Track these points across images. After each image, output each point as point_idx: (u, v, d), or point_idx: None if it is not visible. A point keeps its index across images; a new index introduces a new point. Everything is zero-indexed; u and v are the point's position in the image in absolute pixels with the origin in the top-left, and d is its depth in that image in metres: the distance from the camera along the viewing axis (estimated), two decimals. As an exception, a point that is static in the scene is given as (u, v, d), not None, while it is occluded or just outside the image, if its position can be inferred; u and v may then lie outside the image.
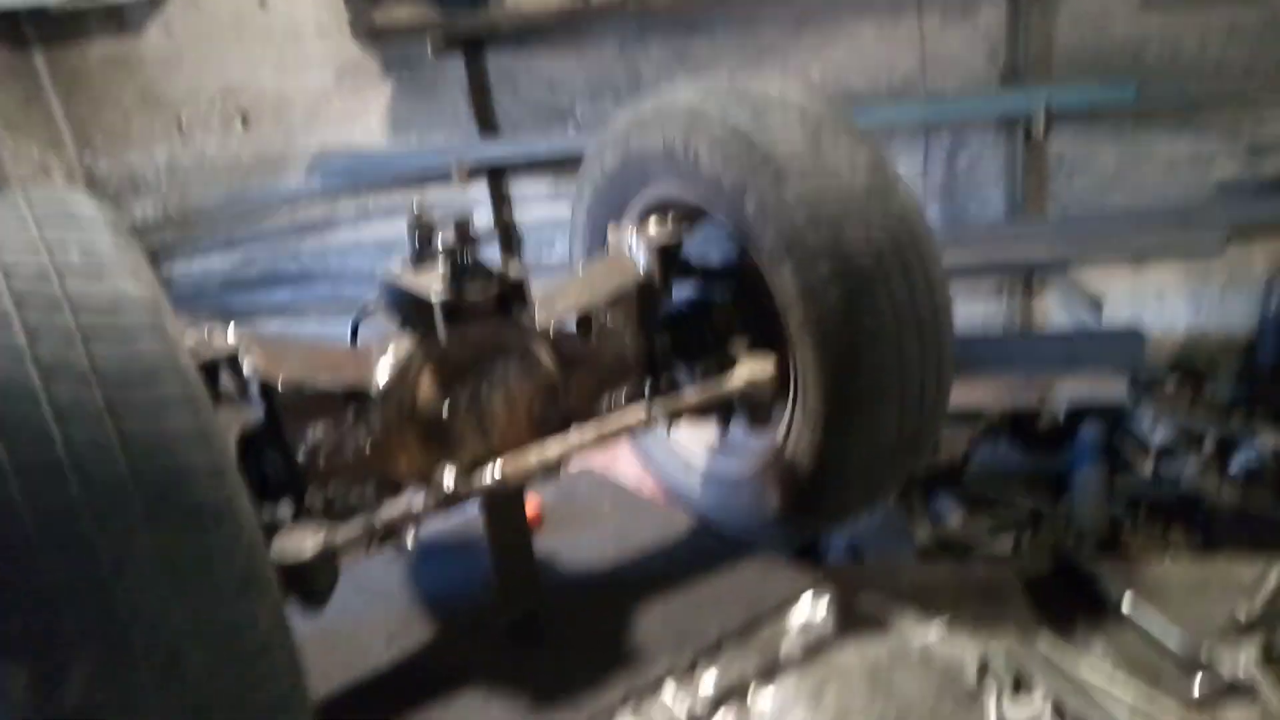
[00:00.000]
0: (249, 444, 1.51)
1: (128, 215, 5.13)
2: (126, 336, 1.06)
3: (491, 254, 1.67)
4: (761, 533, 1.98)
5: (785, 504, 1.83)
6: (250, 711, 1.10)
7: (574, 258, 2.25)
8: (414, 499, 1.39)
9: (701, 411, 1.79)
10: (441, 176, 4.40)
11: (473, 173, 4.31)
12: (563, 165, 4.40)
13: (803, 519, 1.84)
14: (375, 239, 4.85)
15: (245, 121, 4.79)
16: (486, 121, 4.42)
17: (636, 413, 1.59)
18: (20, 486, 0.97)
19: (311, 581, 1.27)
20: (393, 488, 1.64)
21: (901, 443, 1.69)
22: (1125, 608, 1.70)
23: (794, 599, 1.80)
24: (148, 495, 1.02)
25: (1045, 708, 1.43)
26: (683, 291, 1.97)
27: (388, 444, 1.59)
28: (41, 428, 0.99)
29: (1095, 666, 1.56)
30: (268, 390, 1.48)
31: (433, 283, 1.58)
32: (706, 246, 1.99)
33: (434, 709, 1.60)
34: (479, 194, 4.47)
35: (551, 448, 1.49)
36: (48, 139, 4.98)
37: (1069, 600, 1.78)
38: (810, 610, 1.78)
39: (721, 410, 1.89)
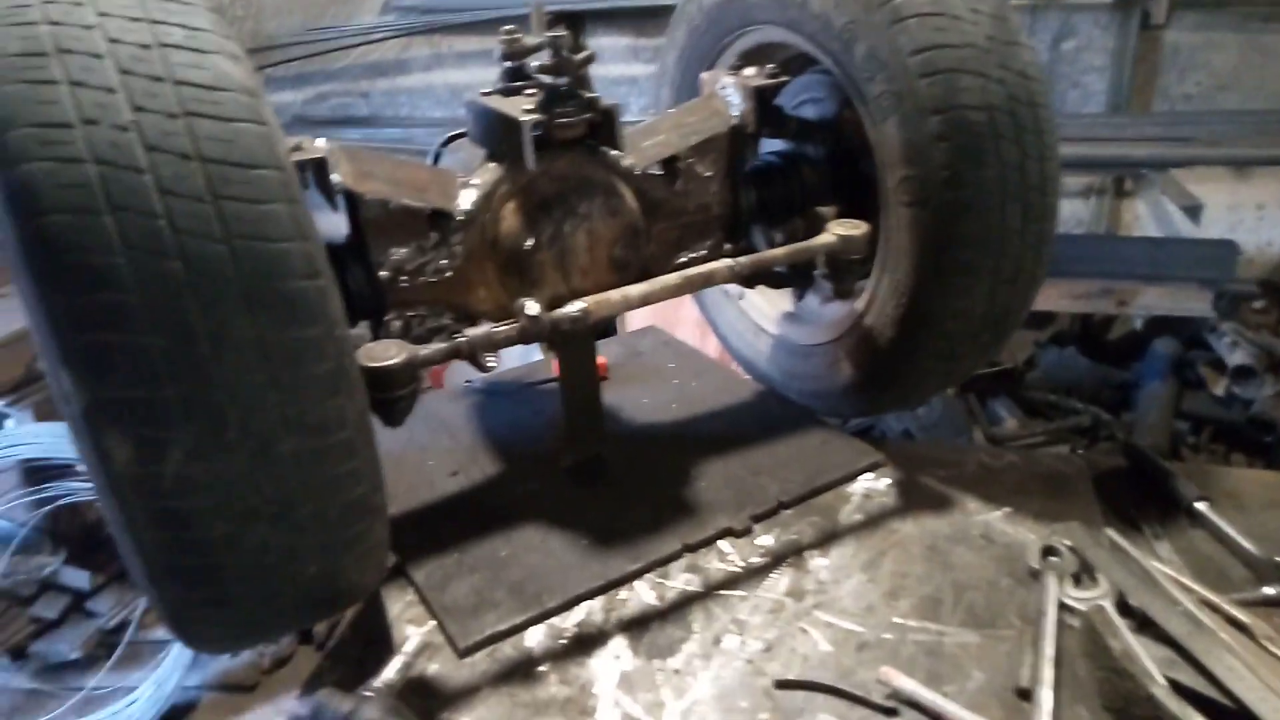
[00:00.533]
0: (333, 255, 1.50)
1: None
2: (228, 116, 1.03)
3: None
4: (829, 403, 1.95)
5: (859, 376, 1.79)
6: (333, 508, 1.12)
7: (660, 106, 2.16)
8: (497, 326, 1.37)
9: (785, 270, 1.74)
10: (518, 22, 4.25)
11: (551, 21, 4.15)
12: (645, 19, 4.22)
13: (875, 393, 1.80)
14: (446, 84, 4.75)
15: (324, -52, 4.64)
16: (571, -34, 4.23)
17: (722, 264, 1.53)
18: (127, 258, 0.96)
19: (394, 390, 1.27)
20: (469, 319, 1.63)
21: (989, 320, 1.63)
22: (1199, 508, 1.66)
23: (855, 470, 1.78)
24: (245, 280, 1.01)
25: (1109, 594, 1.41)
26: (773, 146, 1.88)
27: (467, 272, 1.57)
28: (146, 201, 0.98)
29: (1163, 562, 1.53)
30: (354, 202, 1.45)
31: (524, 105, 1.52)
32: (803, 100, 1.90)
33: (494, 540, 1.63)
34: (556, 44, 4.31)
35: (635, 290, 1.45)
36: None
37: (1139, 497, 1.74)
38: (871, 482, 1.76)
39: (801, 275, 1.83)
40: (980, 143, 1.48)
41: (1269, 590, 1.47)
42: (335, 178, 1.42)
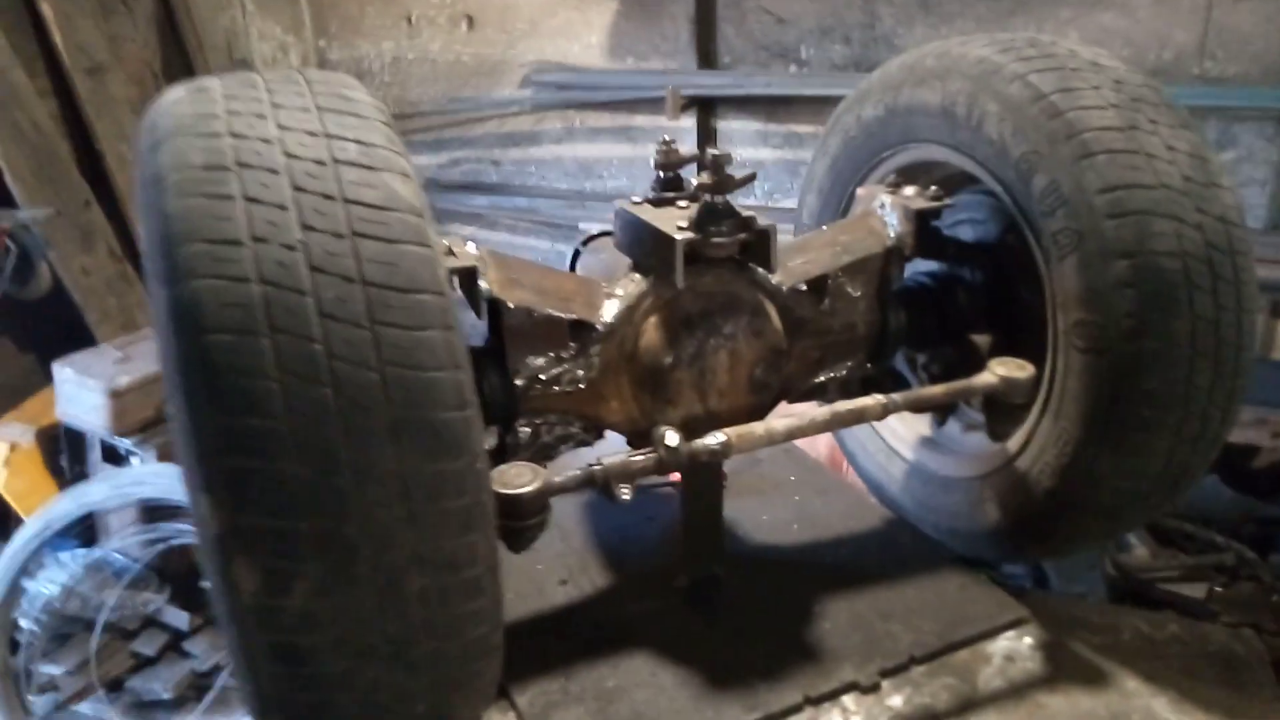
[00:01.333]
0: (475, 362, 1.47)
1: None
2: (394, 238, 1.01)
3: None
4: (968, 544, 1.81)
5: (1006, 522, 1.65)
6: (453, 648, 1.06)
7: (804, 212, 2.09)
8: (634, 456, 1.31)
9: (940, 407, 1.62)
10: (650, 104, 4.30)
11: (685, 105, 4.18)
12: (776, 106, 4.21)
13: (1022, 542, 1.65)
14: (576, 159, 4.82)
15: (471, 24, 4.82)
16: (707, 53, 4.26)
17: (874, 400, 1.44)
18: (280, 383, 0.94)
19: (525, 519, 1.21)
20: (598, 429, 1.57)
21: (1164, 480, 1.47)
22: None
23: (996, 626, 1.63)
24: (395, 409, 0.97)
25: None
26: (926, 266, 1.78)
27: (602, 384, 1.52)
28: (306, 325, 0.95)
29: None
30: (497, 310, 1.42)
31: (678, 220, 1.47)
32: (961, 220, 1.80)
33: (602, 667, 1.54)
34: (686, 126, 4.34)
35: (780, 425, 1.37)
36: (290, 22, 5.18)
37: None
38: (1014, 642, 1.61)
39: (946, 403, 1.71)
40: (1172, 292, 1.35)
41: None
42: (482, 284, 1.39)
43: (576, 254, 1.92)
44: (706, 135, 4.37)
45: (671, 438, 1.30)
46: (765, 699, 1.47)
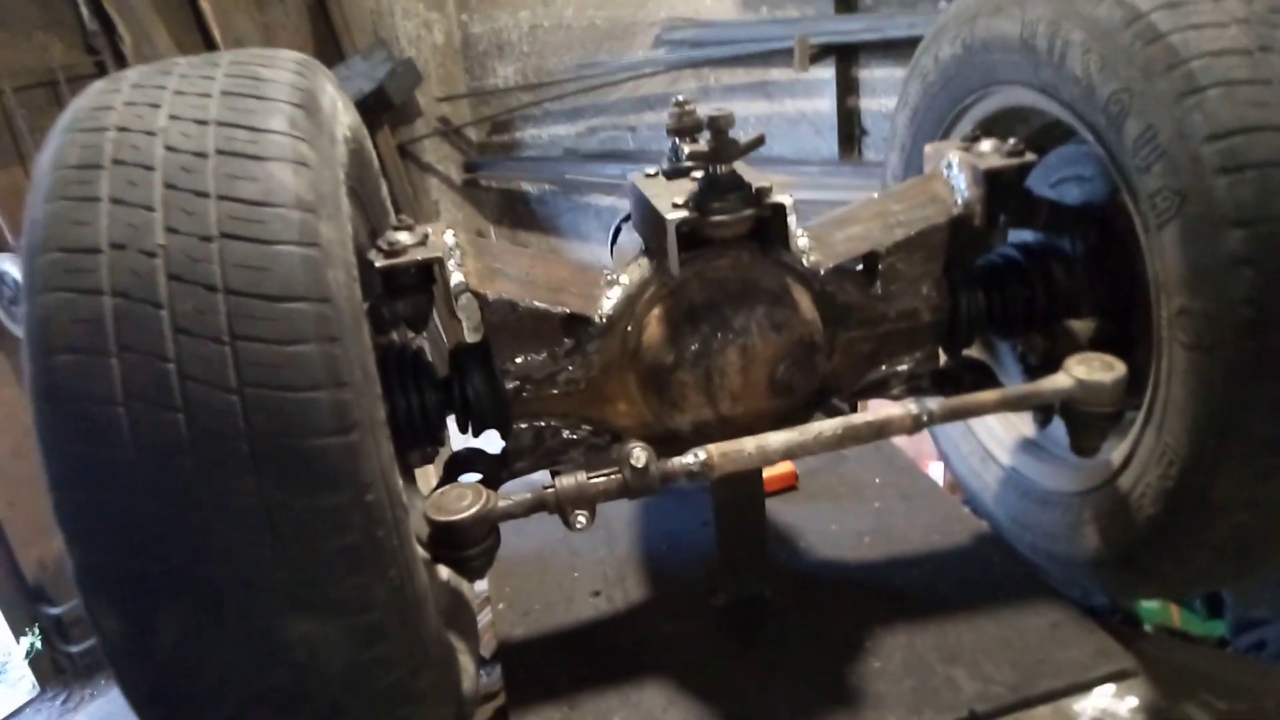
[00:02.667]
0: (456, 362, 1.35)
1: (494, 76, 5.33)
2: (268, 238, 0.89)
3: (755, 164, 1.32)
4: (1067, 571, 1.49)
5: (1106, 550, 1.33)
6: (357, 699, 0.95)
7: (888, 173, 1.80)
8: (593, 477, 1.13)
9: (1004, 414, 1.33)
10: (785, 55, 3.98)
11: (822, 54, 3.84)
12: (925, 49, 3.77)
13: (1127, 577, 1.34)
14: (711, 119, 4.58)
15: (604, -15, 4.67)
16: (846, -1, 3.88)
17: (904, 410, 1.17)
18: (126, 408, 0.85)
19: (465, 549, 1.08)
20: (609, 434, 1.41)
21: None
22: None
23: (1091, 679, 1.33)
24: (256, 437, 0.85)
25: None
26: (1017, 238, 1.47)
27: (605, 384, 1.35)
28: (157, 342, 0.85)
29: None
30: (479, 304, 1.28)
31: (674, 197, 1.27)
32: (1065, 177, 1.47)
33: (612, 695, 1.39)
34: (825, 78, 3.99)
35: (774, 440, 1.14)
36: (433, -1, 5.24)
37: None
38: (1112, 701, 1.30)
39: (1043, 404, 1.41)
40: (1308, 273, 1.00)
41: None
42: (457, 277, 1.25)
43: (617, 231, 1.74)
44: (847, 87, 4.00)
45: (639, 456, 1.11)
46: (792, 748, 1.28)
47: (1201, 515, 1.16)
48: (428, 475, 1.58)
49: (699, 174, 1.34)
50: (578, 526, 1.12)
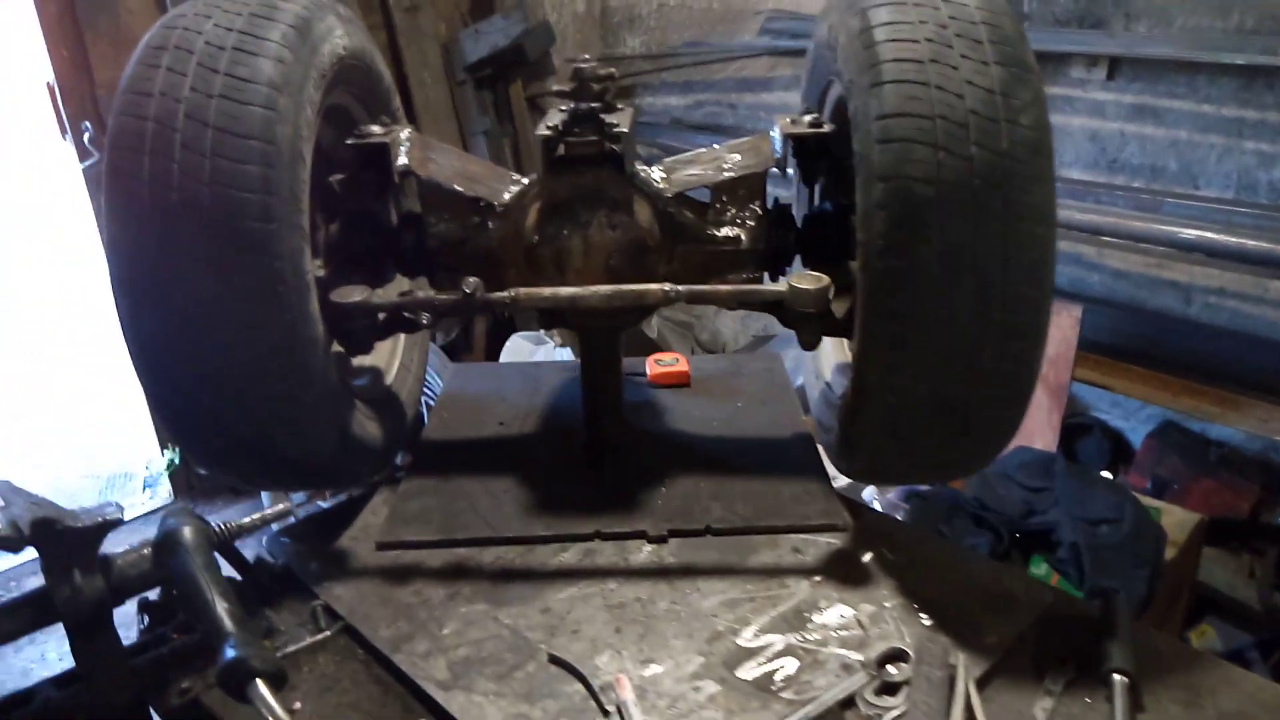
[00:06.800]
0: (401, 221, 1.93)
1: (624, 46, 5.89)
2: (245, 100, 1.47)
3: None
4: (836, 460, 1.91)
5: (839, 437, 1.76)
6: (258, 384, 1.53)
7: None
8: (441, 294, 1.69)
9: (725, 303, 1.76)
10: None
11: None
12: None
13: (846, 454, 1.75)
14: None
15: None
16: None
17: (657, 285, 1.65)
18: (149, 186, 1.46)
19: (349, 323, 1.66)
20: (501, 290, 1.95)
21: (937, 410, 1.52)
22: (1116, 679, 1.37)
23: (808, 525, 1.76)
24: (215, 215, 1.45)
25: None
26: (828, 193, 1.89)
27: (503, 254, 1.89)
28: (170, 150, 1.46)
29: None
30: (418, 182, 1.85)
31: (551, 121, 1.79)
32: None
33: (475, 484, 1.92)
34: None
35: (564, 290, 1.65)
36: (573, -29, 5.83)
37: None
38: (812, 539, 1.73)
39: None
40: (918, 219, 1.41)
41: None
42: (402, 160, 1.82)
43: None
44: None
45: (470, 283, 1.65)
46: (570, 526, 1.79)
47: (862, 399, 1.58)
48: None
49: (613, 117, 1.83)
50: (423, 324, 1.68)
